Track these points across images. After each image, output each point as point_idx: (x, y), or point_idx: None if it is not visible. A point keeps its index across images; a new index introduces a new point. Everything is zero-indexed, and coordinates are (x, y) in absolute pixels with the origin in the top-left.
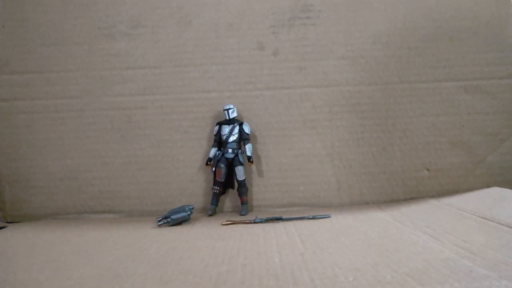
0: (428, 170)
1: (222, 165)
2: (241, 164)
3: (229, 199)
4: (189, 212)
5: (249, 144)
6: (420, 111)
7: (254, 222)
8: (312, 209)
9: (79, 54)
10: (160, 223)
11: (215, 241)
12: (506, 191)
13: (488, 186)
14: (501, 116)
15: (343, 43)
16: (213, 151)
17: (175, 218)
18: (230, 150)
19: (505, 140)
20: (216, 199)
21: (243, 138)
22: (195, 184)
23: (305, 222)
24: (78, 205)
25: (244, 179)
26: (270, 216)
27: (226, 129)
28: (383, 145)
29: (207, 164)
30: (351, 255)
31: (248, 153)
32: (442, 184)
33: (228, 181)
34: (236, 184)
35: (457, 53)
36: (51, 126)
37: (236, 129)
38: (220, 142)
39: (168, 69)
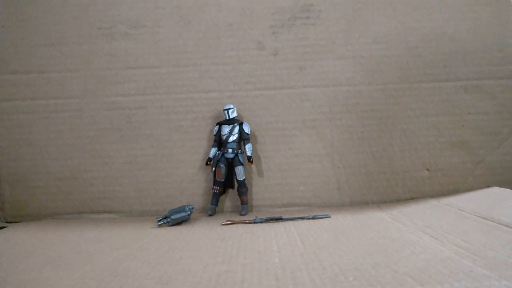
0: (428, 170)
1: (222, 165)
2: (241, 164)
3: (229, 199)
4: (189, 212)
5: (249, 144)
6: (420, 111)
7: (254, 222)
8: (312, 209)
9: (79, 54)
10: (160, 223)
11: (215, 241)
12: (506, 191)
13: (488, 186)
14: (501, 116)
15: (343, 43)
16: (213, 151)
17: (175, 218)
18: (230, 150)
19: (505, 140)
20: (216, 199)
21: (243, 138)
22: (195, 184)
23: (305, 222)
24: (78, 205)
25: (244, 179)
26: (270, 216)
27: (226, 129)
28: (383, 145)
29: (207, 164)
30: (351, 255)
31: (248, 153)
32: (442, 184)
33: (228, 181)
34: (236, 184)
35: (457, 53)
36: (51, 126)
37: (236, 129)
38: (220, 142)
39: (168, 69)
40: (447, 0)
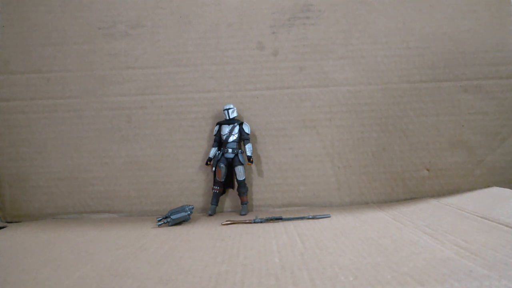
0: (428, 170)
1: (222, 165)
2: (241, 164)
3: (229, 199)
4: (189, 212)
5: (249, 144)
6: (420, 111)
7: (254, 222)
8: (312, 209)
9: (79, 54)
10: (160, 223)
11: (215, 241)
12: (506, 191)
13: (488, 186)
14: (501, 116)
15: (343, 43)
16: (213, 151)
17: (175, 218)
18: (230, 150)
19: (505, 140)
20: (216, 199)
21: (243, 138)
22: (195, 184)
23: (305, 222)
24: (78, 205)
25: (244, 179)
26: (270, 216)
27: (226, 129)
28: (383, 145)
29: (207, 164)
30: (351, 255)
31: (248, 153)
32: (442, 184)
33: (228, 181)
34: (236, 184)
35: (457, 53)
36: (51, 126)
37: (236, 129)
38: (220, 142)
39: (168, 69)
40: (447, 0)
